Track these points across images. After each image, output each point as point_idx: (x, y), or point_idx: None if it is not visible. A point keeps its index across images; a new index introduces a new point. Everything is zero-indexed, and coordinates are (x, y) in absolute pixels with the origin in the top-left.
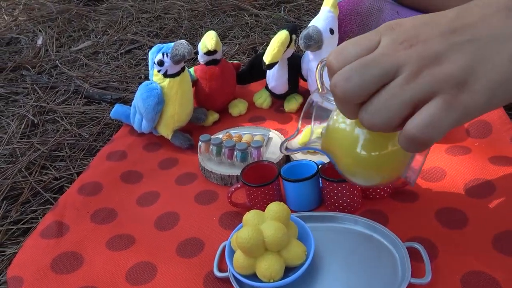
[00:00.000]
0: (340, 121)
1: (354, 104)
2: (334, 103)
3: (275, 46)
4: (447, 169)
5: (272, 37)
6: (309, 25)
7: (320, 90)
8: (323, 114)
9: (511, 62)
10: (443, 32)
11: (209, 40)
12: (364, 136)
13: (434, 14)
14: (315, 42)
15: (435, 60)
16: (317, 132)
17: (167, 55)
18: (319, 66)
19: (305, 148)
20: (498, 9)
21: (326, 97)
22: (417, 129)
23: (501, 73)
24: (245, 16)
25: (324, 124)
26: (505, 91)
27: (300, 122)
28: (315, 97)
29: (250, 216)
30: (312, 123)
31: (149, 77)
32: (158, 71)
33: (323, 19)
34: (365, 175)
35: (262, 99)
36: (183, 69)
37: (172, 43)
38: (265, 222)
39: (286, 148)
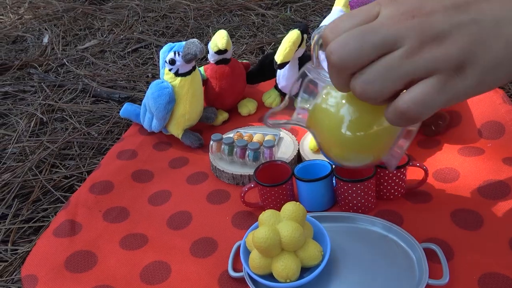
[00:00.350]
0: (328, 100)
1: (347, 74)
2: (325, 79)
3: (287, 46)
4: (461, 170)
5: (280, 37)
6: (321, 24)
7: (314, 63)
8: (313, 90)
9: (506, 48)
10: (446, 6)
11: (220, 39)
12: (350, 117)
13: None
14: None
15: (437, 37)
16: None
17: (178, 54)
18: (315, 37)
19: (290, 122)
20: None
21: (318, 72)
22: (408, 104)
23: (494, 59)
24: (252, 16)
25: (311, 100)
26: (494, 77)
27: (288, 95)
28: (307, 70)
29: (266, 216)
30: (299, 98)
31: (160, 76)
32: (170, 70)
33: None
34: (348, 155)
35: (272, 99)
36: (194, 68)
37: (184, 42)
38: (281, 222)
39: (270, 121)
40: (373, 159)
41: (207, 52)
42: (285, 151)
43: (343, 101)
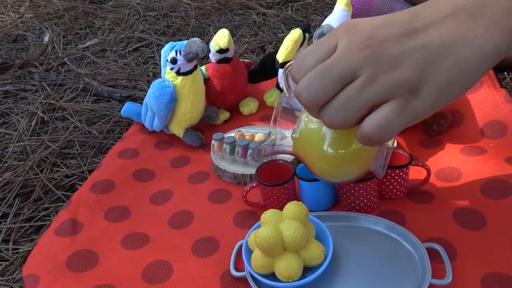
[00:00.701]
0: (308, 123)
1: (317, 109)
2: (298, 108)
3: (289, 45)
4: (463, 169)
5: (281, 36)
6: (323, 24)
7: (287, 94)
8: (293, 116)
9: (455, 67)
10: (398, 34)
11: (221, 38)
12: (331, 135)
13: (389, 15)
14: None
15: (391, 64)
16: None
17: (180, 53)
18: (285, 72)
19: (277, 152)
20: (445, 16)
21: (294, 100)
22: (371, 129)
23: (446, 78)
24: (253, 15)
25: (293, 128)
26: (449, 94)
27: (271, 126)
28: (283, 101)
29: (268, 215)
30: (277, 125)
31: (161, 75)
32: (171, 69)
33: (337, 18)
34: (335, 172)
35: (273, 98)
36: (195, 67)
37: (185, 41)
38: (283, 221)
39: (258, 154)
40: (360, 171)
41: (209, 51)
42: None
43: (322, 125)
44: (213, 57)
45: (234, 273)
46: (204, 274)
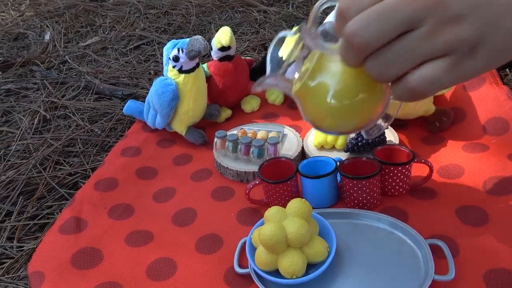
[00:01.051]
0: (320, 68)
1: (366, 55)
2: (321, 47)
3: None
4: (465, 166)
5: None
6: (325, 21)
7: (312, 32)
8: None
9: None
10: None
11: (223, 36)
12: (341, 85)
13: None
14: (331, 38)
15: (455, 18)
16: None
17: (182, 51)
18: (319, 5)
19: (278, 86)
20: None
21: (316, 41)
22: (418, 83)
23: (506, 40)
24: (254, 12)
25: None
26: (503, 57)
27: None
28: (303, 36)
29: (272, 213)
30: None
31: (163, 73)
32: (173, 67)
33: None
34: (335, 123)
35: (275, 96)
36: (197, 65)
37: (187, 39)
38: (287, 218)
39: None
40: (356, 126)
41: (211, 48)
42: (289, 148)
43: (336, 70)
44: (215, 55)
45: (238, 270)
46: (208, 271)
